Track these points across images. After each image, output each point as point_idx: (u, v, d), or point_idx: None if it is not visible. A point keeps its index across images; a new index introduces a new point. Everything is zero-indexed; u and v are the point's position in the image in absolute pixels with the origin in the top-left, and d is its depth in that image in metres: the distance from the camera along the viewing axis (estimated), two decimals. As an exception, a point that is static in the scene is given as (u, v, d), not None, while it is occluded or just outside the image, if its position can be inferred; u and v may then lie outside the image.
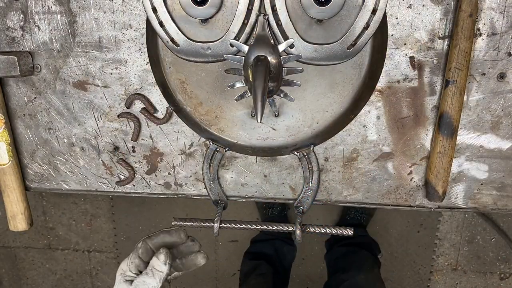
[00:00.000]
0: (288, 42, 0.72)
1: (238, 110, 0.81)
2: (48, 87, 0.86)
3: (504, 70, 0.76)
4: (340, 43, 0.72)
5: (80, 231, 2.34)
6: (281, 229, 0.82)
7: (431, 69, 0.77)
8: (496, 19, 0.73)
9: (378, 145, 0.83)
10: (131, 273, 0.74)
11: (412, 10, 0.74)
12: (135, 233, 2.29)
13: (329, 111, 0.79)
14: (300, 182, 0.87)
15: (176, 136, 0.87)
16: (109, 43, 0.82)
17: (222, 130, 0.83)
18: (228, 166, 0.88)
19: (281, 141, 0.82)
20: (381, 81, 0.78)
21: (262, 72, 0.65)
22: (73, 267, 2.42)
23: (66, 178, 0.93)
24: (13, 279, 2.49)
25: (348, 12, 0.71)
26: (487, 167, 0.82)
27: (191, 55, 0.75)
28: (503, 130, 0.79)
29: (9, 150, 0.87)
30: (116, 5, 0.79)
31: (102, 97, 0.86)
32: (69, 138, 0.90)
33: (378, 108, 0.80)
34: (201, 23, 0.74)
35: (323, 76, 0.77)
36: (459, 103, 0.75)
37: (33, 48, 0.84)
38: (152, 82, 0.83)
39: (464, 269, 2.16)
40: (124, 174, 0.91)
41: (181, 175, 0.90)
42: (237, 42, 0.72)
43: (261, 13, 0.71)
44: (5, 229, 2.38)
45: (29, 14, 0.81)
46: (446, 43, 0.75)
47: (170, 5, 0.73)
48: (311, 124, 0.80)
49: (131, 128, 0.87)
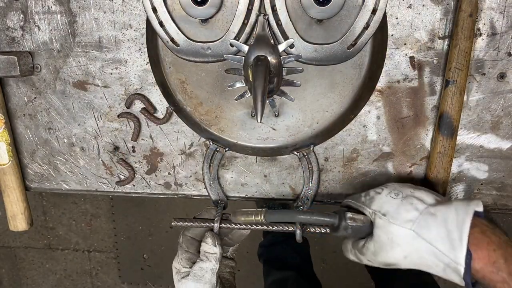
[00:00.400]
0: (288, 42, 0.72)
1: (238, 110, 0.81)
2: (48, 87, 0.86)
3: (504, 70, 0.76)
4: (340, 43, 0.72)
5: (80, 231, 2.35)
6: (281, 229, 0.82)
7: (431, 69, 0.77)
8: (496, 19, 0.73)
9: (378, 145, 0.83)
10: (186, 268, 0.75)
11: (412, 10, 0.74)
12: (135, 233, 2.29)
13: (329, 111, 0.79)
14: (300, 182, 0.87)
15: (176, 136, 0.87)
16: (109, 43, 0.82)
17: (222, 130, 0.83)
18: (228, 166, 0.88)
19: (281, 141, 0.82)
20: (381, 81, 0.78)
21: (262, 72, 0.65)
22: (73, 267, 2.42)
23: (66, 178, 0.93)
24: (13, 279, 2.49)
25: (348, 12, 0.71)
26: (487, 167, 0.82)
27: (191, 55, 0.75)
28: (503, 130, 0.79)
29: (9, 150, 0.87)
30: (116, 5, 0.79)
31: (102, 97, 0.86)
32: (69, 138, 0.90)
33: (378, 108, 0.80)
34: (201, 23, 0.74)
35: (323, 76, 0.77)
36: (459, 103, 0.75)
37: (33, 48, 0.84)
38: (152, 82, 0.83)
39: (464, 269, 2.15)
40: (124, 174, 0.91)
41: (181, 175, 0.90)
42: (237, 42, 0.72)
43: (261, 13, 0.71)
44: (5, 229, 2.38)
45: (29, 14, 0.81)
46: (446, 43, 0.75)
47: (170, 5, 0.73)
48: (311, 124, 0.80)
49: (131, 128, 0.87)
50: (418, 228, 0.61)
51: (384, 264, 0.66)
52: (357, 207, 0.70)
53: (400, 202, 0.65)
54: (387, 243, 0.63)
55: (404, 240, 0.62)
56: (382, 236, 0.64)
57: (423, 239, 0.61)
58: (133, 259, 2.35)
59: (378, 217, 0.65)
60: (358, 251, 0.69)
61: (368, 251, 0.67)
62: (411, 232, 0.61)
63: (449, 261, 0.59)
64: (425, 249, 0.61)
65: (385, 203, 0.66)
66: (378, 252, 0.65)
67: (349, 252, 0.71)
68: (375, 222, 0.66)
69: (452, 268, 0.59)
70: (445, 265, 0.60)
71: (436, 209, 0.63)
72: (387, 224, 0.63)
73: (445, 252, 0.59)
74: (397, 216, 0.63)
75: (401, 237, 0.62)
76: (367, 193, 0.70)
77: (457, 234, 0.59)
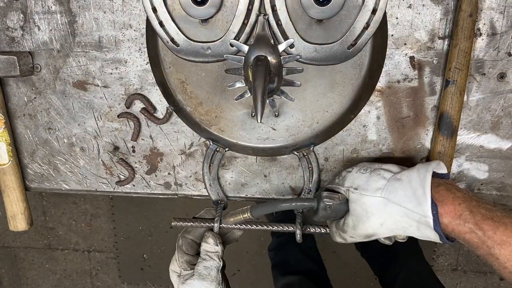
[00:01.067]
0: (288, 42, 0.72)
1: (238, 110, 0.81)
2: (48, 87, 0.86)
3: (504, 70, 0.76)
4: (340, 43, 0.72)
5: (80, 231, 2.35)
6: (281, 229, 0.82)
7: (431, 69, 0.77)
8: (496, 19, 0.73)
9: (378, 145, 0.83)
10: (187, 271, 0.76)
11: (412, 10, 0.74)
12: (135, 233, 2.29)
13: (329, 111, 0.79)
14: (300, 182, 0.87)
15: (176, 136, 0.87)
16: (109, 43, 0.82)
17: (222, 130, 0.83)
18: (228, 166, 0.88)
19: (281, 141, 0.82)
20: (381, 81, 0.78)
21: (262, 72, 0.65)
22: (73, 267, 2.42)
23: (66, 178, 0.93)
24: (13, 279, 2.49)
25: (348, 12, 0.71)
26: (487, 167, 0.82)
27: (191, 55, 0.75)
28: (503, 130, 0.79)
29: (9, 150, 0.87)
30: (116, 5, 0.79)
31: (102, 97, 0.86)
32: (69, 138, 0.90)
33: (378, 108, 0.80)
34: (201, 23, 0.74)
35: (323, 76, 0.77)
36: (459, 103, 0.75)
37: (33, 48, 0.84)
38: (152, 82, 0.83)
39: (464, 269, 2.16)
40: (124, 174, 0.91)
41: (181, 175, 0.90)
42: (237, 42, 0.72)
43: (261, 13, 0.71)
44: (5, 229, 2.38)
45: (29, 14, 0.81)
46: (446, 43, 0.75)
47: (170, 5, 0.73)
48: (311, 124, 0.80)
49: (131, 128, 0.87)
50: (387, 194, 0.65)
51: (364, 236, 0.69)
52: (333, 188, 0.74)
53: (369, 175, 0.69)
54: (363, 214, 0.67)
55: (377, 208, 0.66)
56: (357, 209, 0.68)
57: (393, 203, 0.64)
58: (133, 259, 2.35)
59: (351, 192, 0.69)
60: (340, 229, 0.72)
61: (348, 227, 0.70)
62: (382, 199, 0.65)
63: (419, 217, 0.62)
64: (396, 211, 0.64)
65: (356, 179, 0.70)
66: (356, 225, 0.69)
67: (335, 235, 0.75)
68: (350, 197, 0.70)
69: (423, 223, 0.62)
70: (417, 223, 0.63)
71: (401, 174, 0.67)
72: (359, 197, 0.67)
73: (413, 209, 0.63)
74: (367, 187, 0.67)
75: (373, 205, 0.66)
76: (339, 174, 0.75)
77: (421, 190, 0.63)
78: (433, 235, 0.63)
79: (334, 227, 0.75)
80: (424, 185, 0.63)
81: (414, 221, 0.64)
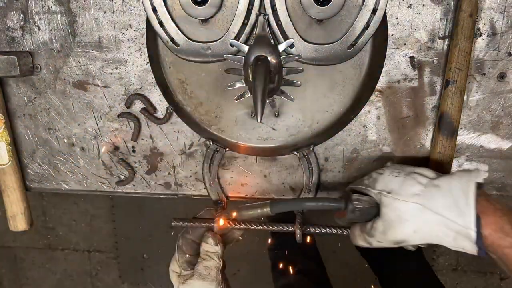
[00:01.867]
0: (288, 42, 0.72)
1: (238, 110, 0.81)
2: (48, 87, 0.86)
3: (504, 70, 0.76)
4: (340, 43, 0.72)
5: (80, 231, 2.34)
6: (281, 229, 0.82)
7: (431, 69, 0.77)
8: (496, 19, 0.73)
9: (378, 145, 0.83)
10: (187, 271, 0.76)
11: (412, 10, 0.74)
12: (135, 233, 2.29)
13: (329, 111, 0.79)
14: (300, 182, 0.87)
15: (176, 136, 0.87)
16: (109, 43, 0.82)
17: (222, 130, 0.82)
18: (228, 166, 0.88)
19: (281, 141, 0.82)
20: (381, 81, 0.78)
21: (262, 72, 0.65)
22: (73, 267, 2.42)
23: (66, 178, 0.93)
24: (13, 279, 2.49)
25: (348, 12, 0.71)
26: (487, 167, 0.82)
27: (191, 55, 0.75)
28: (503, 130, 0.79)
29: (9, 150, 0.87)
30: (116, 5, 0.79)
31: (102, 97, 0.86)
32: (69, 138, 0.90)
33: (378, 108, 0.80)
34: (201, 23, 0.74)
35: (323, 76, 0.77)
36: (459, 103, 0.75)
37: (33, 48, 0.84)
38: (152, 82, 0.83)
39: (464, 269, 2.15)
40: (124, 174, 0.91)
41: (181, 175, 0.90)
42: (237, 42, 0.72)
43: (261, 13, 0.71)
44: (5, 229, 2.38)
45: (29, 14, 0.81)
46: (446, 43, 0.75)
47: (170, 5, 0.73)
48: (311, 124, 0.80)
49: (131, 128, 0.87)
50: (424, 200, 0.62)
51: (394, 242, 0.66)
52: (361, 190, 0.70)
53: (403, 179, 0.65)
54: (396, 220, 0.64)
55: (411, 214, 0.62)
56: (389, 213, 0.64)
57: (431, 210, 0.61)
58: (133, 259, 2.35)
59: (384, 195, 0.65)
60: (367, 233, 0.69)
61: (377, 232, 0.67)
62: (418, 205, 0.62)
63: (459, 228, 0.59)
64: (433, 220, 0.61)
65: (389, 182, 0.66)
66: (387, 231, 0.65)
67: (358, 238, 0.71)
68: (382, 201, 0.66)
69: (463, 234, 0.59)
70: (455, 233, 0.60)
71: (439, 180, 0.64)
72: (393, 201, 0.64)
73: (454, 219, 0.59)
74: (402, 192, 0.64)
75: (408, 211, 0.63)
76: (370, 176, 0.71)
77: (464, 200, 0.60)
78: (470, 247, 0.60)
79: (358, 230, 0.71)
80: (468, 195, 0.60)
81: (452, 232, 0.60)
